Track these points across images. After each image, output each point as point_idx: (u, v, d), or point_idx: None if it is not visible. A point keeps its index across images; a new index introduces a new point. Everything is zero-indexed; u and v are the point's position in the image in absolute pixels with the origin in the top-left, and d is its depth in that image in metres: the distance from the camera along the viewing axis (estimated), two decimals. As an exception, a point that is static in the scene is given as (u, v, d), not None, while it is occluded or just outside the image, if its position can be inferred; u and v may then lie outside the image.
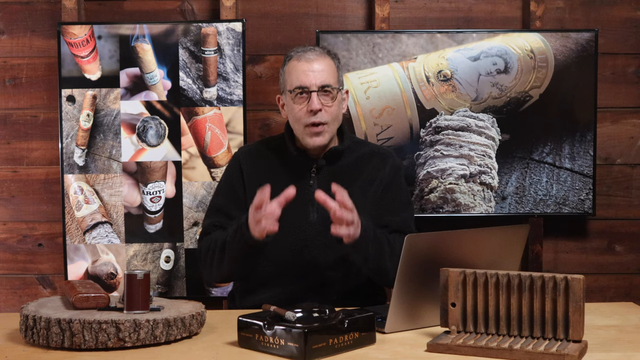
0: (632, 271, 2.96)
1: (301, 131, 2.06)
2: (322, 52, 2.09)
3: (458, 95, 2.74)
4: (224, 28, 2.70)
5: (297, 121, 2.06)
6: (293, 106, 2.06)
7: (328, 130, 2.05)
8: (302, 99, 2.04)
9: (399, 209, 2.12)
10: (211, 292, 2.74)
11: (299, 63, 2.05)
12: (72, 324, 1.53)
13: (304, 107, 2.03)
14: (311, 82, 2.03)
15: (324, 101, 2.04)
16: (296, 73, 2.05)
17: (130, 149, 2.71)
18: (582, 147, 2.76)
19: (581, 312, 1.48)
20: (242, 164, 2.15)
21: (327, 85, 2.04)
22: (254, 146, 2.24)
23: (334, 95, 2.05)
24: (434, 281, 1.64)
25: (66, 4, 2.76)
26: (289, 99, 2.08)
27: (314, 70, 2.04)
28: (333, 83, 2.06)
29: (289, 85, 2.07)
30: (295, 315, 1.52)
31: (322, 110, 2.03)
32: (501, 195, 2.76)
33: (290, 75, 2.07)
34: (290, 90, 2.06)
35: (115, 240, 2.72)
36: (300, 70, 2.04)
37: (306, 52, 2.07)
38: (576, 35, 2.75)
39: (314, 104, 2.01)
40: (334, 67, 2.09)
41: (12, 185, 2.88)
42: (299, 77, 2.04)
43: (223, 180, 2.21)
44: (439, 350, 1.53)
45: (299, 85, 2.04)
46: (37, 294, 2.89)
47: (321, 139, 2.05)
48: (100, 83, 2.71)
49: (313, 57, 2.05)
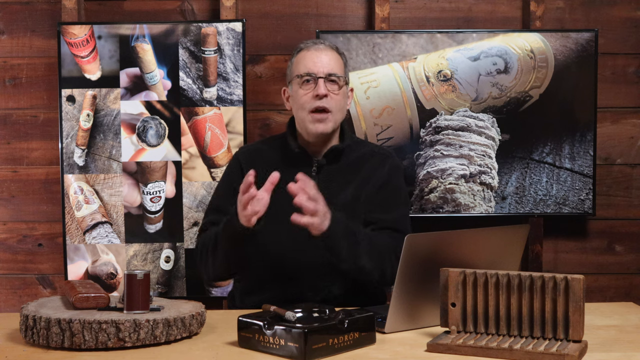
0: (632, 271, 2.96)
1: (304, 117, 2.06)
2: (331, 46, 2.13)
3: (458, 95, 2.74)
4: (224, 28, 2.71)
5: (301, 107, 2.07)
6: (299, 92, 2.08)
7: (332, 119, 2.06)
8: (308, 84, 2.06)
9: (393, 207, 2.12)
10: (211, 292, 2.74)
11: (308, 52, 2.09)
12: (72, 324, 1.53)
13: (310, 92, 2.05)
14: (319, 69, 2.06)
15: (331, 88, 2.06)
16: (304, 61, 2.08)
17: (130, 149, 2.71)
18: (582, 147, 2.76)
19: (581, 312, 1.48)
20: (243, 163, 2.15)
21: (334, 74, 2.07)
22: (254, 146, 2.24)
23: (340, 85, 2.08)
24: (434, 281, 1.64)
25: (66, 4, 2.76)
26: (295, 86, 2.10)
27: (322, 60, 2.07)
28: (340, 73, 2.09)
29: (296, 72, 2.10)
30: (295, 315, 1.52)
31: (328, 96, 2.05)
32: (501, 195, 2.76)
33: (299, 63, 2.10)
34: (298, 76, 2.08)
35: (115, 240, 2.72)
36: (309, 58, 2.08)
37: (316, 44, 2.12)
38: (576, 35, 2.75)
39: (320, 89, 2.04)
40: (341, 61, 2.13)
41: (12, 185, 2.88)
42: (306, 65, 2.07)
43: (223, 180, 2.21)
44: (439, 350, 1.53)
45: (306, 71, 2.07)
46: (37, 294, 2.89)
47: (324, 126, 2.05)
48: (100, 83, 2.71)
49: (322, 48, 2.10)
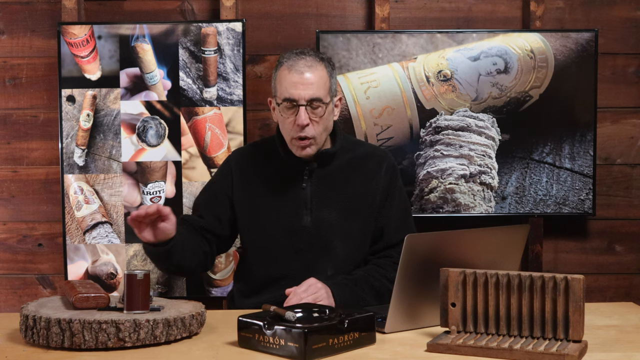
0: (632, 271, 2.96)
1: (289, 142, 2.03)
2: (314, 60, 2.00)
3: (458, 95, 2.74)
4: (224, 28, 2.71)
5: (285, 132, 2.04)
6: (281, 116, 2.02)
7: (315, 143, 2.01)
8: (290, 111, 1.99)
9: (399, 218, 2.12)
10: (211, 292, 2.74)
11: (289, 74, 1.98)
12: (72, 324, 1.53)
13: (292, 119, 1.98)
14: (300, 96, 1.96)
15: (312, 116, 1.98)
16: (286, 84, 1.98)
17: (130, 149, 2.71)
18: (582, 147, 2.76)
19: (581, 312, 1.48)
20: (234, 168, 2.13)
21: (317, 99, 1.97)
22: (247, 149, 2.21)
23: (323, 110, 1.99)
24: (434, 281, 1.63)
25: (66, 4, 2.76)
26: (278, 108, 2.03)
27: (304, 82, 1.96)
28: (323, 96, 1.98)
29: (279, 96, 2.01)
30: (295, 315, 1.52)
31: (309, 124, 1.98)
32: (501, 195, 2.76)
33: (281, 85, 2.00)
34: (278, 103, 2.01)
35: (115, 240, 2.72)
36: (290, 81, 1.97)
37: (298, 62, 1.98)
38: (576, 35, 2.75)
39: (301, 119, 1.96)
40: (325, 77, 2.00)
41: (12, 185, 2.88)
42: (288, 89, 1.98)
43: (210, 181, 2.22)
44: (439, 350, 1.53)
45: (288, 97, 1.98)
46: (37, 294, 2.89)
47: (308, 151, 2.01)
48: (100, 83, 2.71)
49: (304, 69, 1.97)
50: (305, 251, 2.05)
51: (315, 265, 2.04)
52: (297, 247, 2.05)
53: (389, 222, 2.10)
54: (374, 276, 2.03)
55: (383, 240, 2.10)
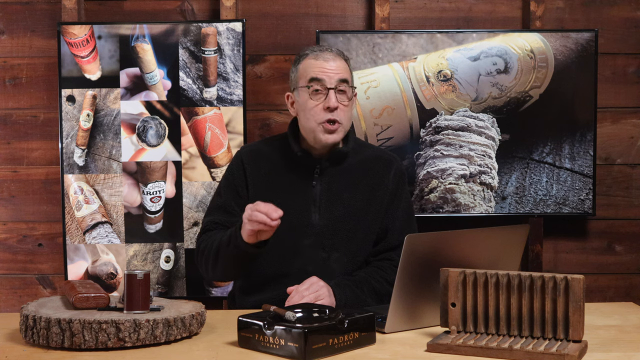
0: (632, 271, 2.96)
1: (314, 128, 2.04)
2: (337, 53, 2.09)
3: (458, 95, 2.74)
4: (224, 28, 2.71)
5: (311, 117, 2.04)
6: (308, 102, 2.04)
7: (342, 129, 2.05)
8: (318, 95, 2.03)
9: (403, 222, 2.13)
10: (211, 292, 2.74)
11: (316, 61, 2.05)
12: (72, 324, 1.53)
13: (321, 103, 2.02)
14: (330, 77, 2.03)
15: (341, 99, 2.03)
16: (313, 69, 2.04)
17: (130, 149, 2.71)
18: (582, 147, 2.76)
19: (581, 312, 1.48)
20: (245, 163, 2.13)
21: (344, 80, 2.04)
22: (256, 146, 2.21)
23: (349, 95, 2.06)
24: (434, 281, 1.64)
25: (66, 4, 2.76)
26: (303, 95, 2.05)
27: (332, 67, 2.04)
28: (350, 81, 2.07)
29: (304, 80, 2.05)
30: (295, 315, 1.52)
31: (338, 108, 2.02)
32: (501, 195, 2.76)
33: (306, 71, 2.05)
34: (307, 86, 2.04)
35: (115, 240, 2.72)
36: (318, 67, 2.04)
37: (323, 51, 2.07)
38: (576, 35, 2.75)
39: (332, 101, 2.01)
40: (348, 68, 2.09)
41: (12, 185, 2.88)
42: (316, 73, 2.03)
43: (225, 178, 2.18)
44: (439, 350, 1.53)
45: (315, 77, 2.03)
46: (37, 294, 2.89)
47: (335, 137, 2.04)
48: (100, 83, 2.71)
49: (330, 57, 2.06)
50: (313, 248, 2.05)
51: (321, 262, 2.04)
52: (303, 244, 2.05)
53: (393, 224, 2.11)
54: (375, 278, 2.03)
55: (385, 242, 2.10)
